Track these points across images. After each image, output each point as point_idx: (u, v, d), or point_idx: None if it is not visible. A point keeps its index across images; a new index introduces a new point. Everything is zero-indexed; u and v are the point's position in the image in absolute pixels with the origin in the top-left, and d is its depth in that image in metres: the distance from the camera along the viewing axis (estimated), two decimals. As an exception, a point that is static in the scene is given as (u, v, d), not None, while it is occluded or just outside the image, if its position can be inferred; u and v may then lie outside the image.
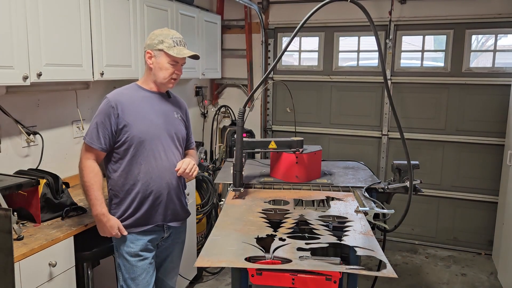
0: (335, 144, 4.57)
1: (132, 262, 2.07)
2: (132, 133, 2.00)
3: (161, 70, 2.06)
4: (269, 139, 2.46)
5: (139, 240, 2.07)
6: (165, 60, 2.05)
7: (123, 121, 1.99)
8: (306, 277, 1.55)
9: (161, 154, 2.07)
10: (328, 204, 2.17)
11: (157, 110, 2.10)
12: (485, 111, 4.04)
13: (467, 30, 3.99)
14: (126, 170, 2.04)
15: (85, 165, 2.00)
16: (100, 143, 1.99)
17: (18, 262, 1.75)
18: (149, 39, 2.09)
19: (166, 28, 2.13)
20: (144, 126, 2.03)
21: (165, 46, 2.04)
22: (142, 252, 2.08)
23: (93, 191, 1.98)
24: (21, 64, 2.02)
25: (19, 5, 1.98)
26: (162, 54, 2.05)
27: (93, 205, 2.00)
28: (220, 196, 4.12)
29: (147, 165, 2.04)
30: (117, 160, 2.04)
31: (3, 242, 1.54)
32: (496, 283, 3.57)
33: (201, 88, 4.57)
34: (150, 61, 2.07)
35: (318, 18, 4.04)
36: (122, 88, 2.12)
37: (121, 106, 2.00)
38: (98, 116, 2.01)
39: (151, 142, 2.04)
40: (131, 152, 2.02)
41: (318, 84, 4.54)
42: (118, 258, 2.11)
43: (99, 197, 1.99)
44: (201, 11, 3.95)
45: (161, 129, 2.09)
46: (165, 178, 2.09)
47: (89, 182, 1.98)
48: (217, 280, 3.58)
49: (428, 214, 4.34)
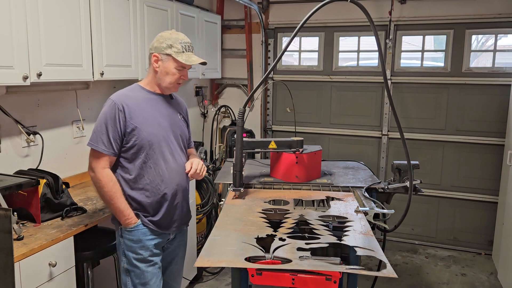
0: (335, 144, 4.57)
1: (142, 268, 2.02)
2: (141, 136, 1.95)
3: (168, 75, 2.02)
4: (269, 139, 2.46)
5: (147, 245, 2.02)
6: (172, 66, 2.00)
7: (131, 124, 1.94)
8: (306, 277, 1.55)
9: (169, 157, 2.04)
10: (328, 204, 2.17)
11: (163, 112, 2.07)
12: (485, 111, 4.04)
13: (467, 30, 3.99)
14: (136, 174, 1.98)
15: (102, 174, 1.92)
16: (112, 148, 1.93)
17: (18, 262, 1.75)
18: (156, 41, 2.02)
19: (174, 31, 2.07)
20: (152, 129, 1.99)
21: (174, 51, 1.99)
22: (151, 257, 2.04)
23: (117, 200, 1.93)
24: (21, 64, 2.02)
25: (19, 5, 1.98)
26: (170, 59, 1.99)
27: (122, 216, 1.95)
28: (220, 196, 4.12)
29: (157, 168, 2.00)
30: (126, 165, 1.99)
31: (3, 242, 1.54)
32: (496, 283, 3.57)
33: (201, 88, 4.57)
34: (157, 65, 2.02)
35: (318, 18, 4.04)
36: (125, 89, 2.06)
37: (128, 108, 1.94)
38: (105, 119, 1.93)
39: (160, 145, 2.01)
40: (141, 155, 1.97)
41: (318, 84, 4.54)
42: (127, 265, 2.05)
43: (126, 206, 1.95)
44: (201, 11, 3.95)
45: (168, 131, 2.06)
46: (175, 180, 2.06)
47: (111, 191, 1.92)
48: (217, 280, 3.58)
49: (428, 214, 4.34)
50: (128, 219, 1.97)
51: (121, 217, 1.96)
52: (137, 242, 2.01)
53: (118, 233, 2.05)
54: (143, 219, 2.01)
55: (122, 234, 2.02)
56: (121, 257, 2.08)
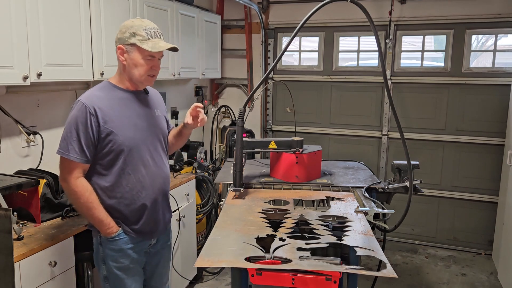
0: (335, 144, 4.57)
1: (121, 276, 1.92)
2: (118, 141, 1.80)
3: (136, 67, 1.83)
4: (269, 139, 2.46)
5: (128, 253, 1.91)
6: (139, 56, 1.81)
7: (105, 129, 1.78)
8: (306, 277, 1.55)
9: (149, 160, 1.92)
10: (328, 204, 2.17)
11: (139, 112, 1.91)
12: (485, 111, 4.04)
13: (467, 30, 3.99)
14: (114, 182, 1.84)
15: (76, 185, 1.77)
16: (85, 156, 1.77)
17: (18, 262, 1.75)
18: (119, 32, 1.84)
19: (139, 18, 1.89)
20: (129, 132, 1.84)
21: (138, 40, 1.79)
22: (132, 264, 1.94)
23: (95, 210, 1.80)
24: (21, 64, 2.01)
25: (19, 5, 1.98)
26: (135, 48, 1.81)
27: (102, 225, 1.83)
28: (220, 196, 4.12)
29: (137, 175, 1.87)
30: (102, 171, 1.84)
31: (3, 242, 1.54)
32: (496, 283, 3.57)
33: (201, 88, 4.56)
34: (123, 58, 1.83)
35: (318, 18, 4.04)
36: (95, 89, 1.87)
37: (101, 112, 1.78)
38: (75, 125, 1.76)
39: (138, 149, 1.87)
40: (118, 162, 1.83)
41: (318, 84, 4.54)
42: (106, 272, 1.93)
43: (105, 215, 1.83)
44: (201, 11, 3.95)
45: (146, 132, 1.92)
46: (156, 186, 1.95)
47: (88, 202, 1.79)
48: (217, 280, 3.58)
49: (428, 214, 4.34)
50: (109, 228, 1.84)
51: (101, 227, 1.84)
52: (119, 251, 1.90)
53: (97, 240, 1.91)
54: (124, 227, 1.89)
55: (102, 243, 1.90)
56: (99, 265, 1.95)
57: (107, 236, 1.86)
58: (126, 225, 1.90)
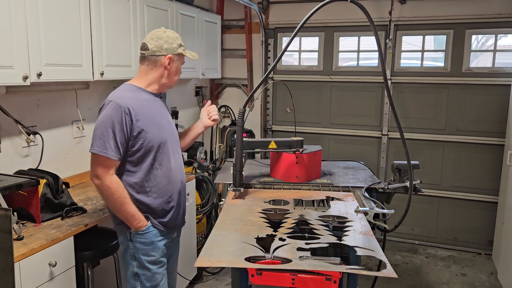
0: (335, 144, 4.57)
1: (153, 270, 2.02)
2: (148, 139, 1.92)
3: (176, 74, 2.06)
4: (269, 139, 2.46)
5: (158, 246, 2.03)
6: (180, 64, 2.06)
7: (137, 127, 1.89)
8: (306, 277, 1.55)
9: (172, 156, 2.06)
10: (328, 204, 2.17)
11: (160, 112, 2.06)
12: (485, 111, 4.04)
13: (467, 30, 3.99)
14: (143, 178, 1.96)
15: (112, 181, 1.87)
16: (120, 154, 1.88)
17: (18, 262, 1.75)
18: (166, 43, 1.98)
19: (171, 30, 2.06)
20: (157, 130, 1.97)
21: (182, 50, 2.03)
22: (162, 258, 2.06)
23: (128, 205, 1.90)
24: (21, 64, 2.02)
25: (19, 5, 1.98)
26: (180, 58, 2.04)
27: (134, 220, 1.93)
28: (220, 196, 4.12)
29: (164, 169, 2.00)
30: (131, 169, 1.95)
31: (3, 242, 1.54)
32: (496, 283, 3.57)
33: (201, 88, 4.57)
34: (169, 66, 2.01)
35: (318, 18, 4.04)
36: (122, 90, 1.97)
37: (134, 111, 1.89)
38: (111, 123, 1.84)
39: (165, 145, 2.01)
40: (147, 158, 1.95)
41: (318, 84, 4.54)
42: (137, 268, 2.01)
43: (136, 209, 1.93)
44: (201, 11, 3.95)
45: (167, 130, 2.06)
46: (179, 179, 2.10)
47: (121, 197, 1.88)
48: (217, 280, 3.58)
49: (428, 214, 4.34)
50: (140, 222, 1.95)
51: (132, 222, 1.93)
52: (150, 244, 2.00)
53: (127, 237, 1.99)
54: (152, 220, 2.00)
55: (132, 238, 1.98)
56: (129, 262, 2.02)
57: (137, 230, 1.96)
58: (154, 219, 2.01)
